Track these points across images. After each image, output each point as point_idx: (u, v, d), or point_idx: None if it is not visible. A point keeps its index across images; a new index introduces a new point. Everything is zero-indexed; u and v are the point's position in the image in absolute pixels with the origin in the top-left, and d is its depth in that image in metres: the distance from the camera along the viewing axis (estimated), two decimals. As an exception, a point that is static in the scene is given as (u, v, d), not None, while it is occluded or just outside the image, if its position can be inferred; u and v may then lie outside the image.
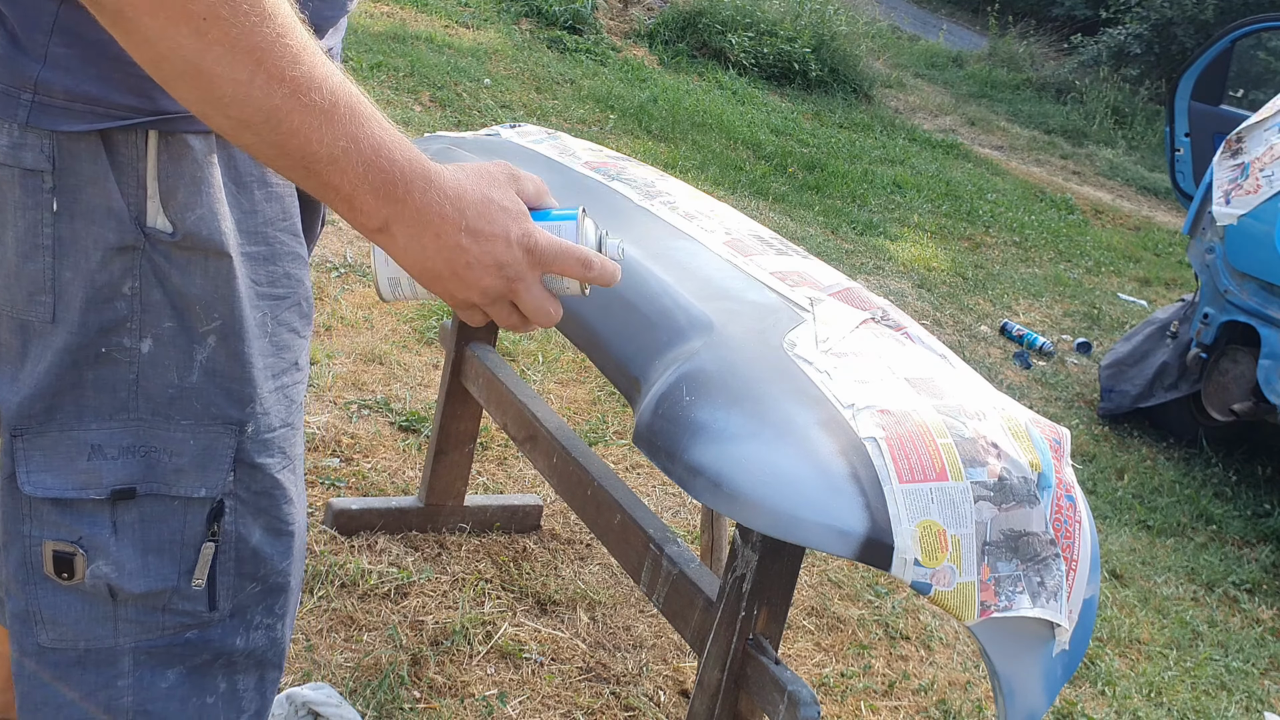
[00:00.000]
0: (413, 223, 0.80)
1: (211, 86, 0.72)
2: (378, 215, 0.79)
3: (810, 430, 1.19)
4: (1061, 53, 13.63)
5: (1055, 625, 1.26)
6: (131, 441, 0.86)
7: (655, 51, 8.58)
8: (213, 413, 0.88)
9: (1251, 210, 3.73)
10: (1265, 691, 2.73)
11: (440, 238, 0.81)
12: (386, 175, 0.78)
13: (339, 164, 0.76)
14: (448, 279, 0.83)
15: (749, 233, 1.66)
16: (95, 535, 0.86)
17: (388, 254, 0.84)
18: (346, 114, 0.76)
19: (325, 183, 0.77)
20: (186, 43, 0.70)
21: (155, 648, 0.91)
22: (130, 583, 0.88)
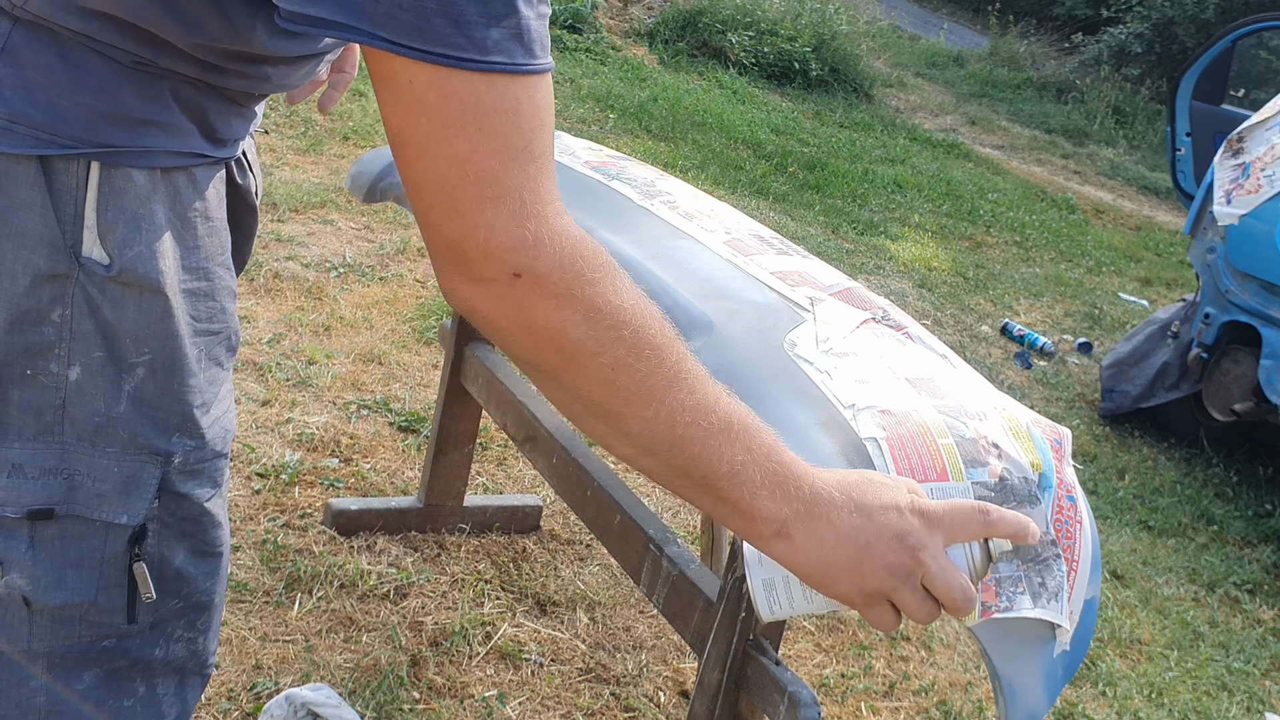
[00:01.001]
0: (808, 517, 0.81)
1: (620, 424, 0.79)
2: (776, 519, 0.80)
3: (811, 430, 1.18)
4: (1062, 52, 13.63)
5: (1056, 626, 1.26)
6: (54, 464, 0.85)
7: (655, 51, 8.58)
8: (139, 443, 0.88)
9: (1253, 210, 3.73)
10: (1266, 692, 2.73)
11: (835, 525, 0.81)
12: (780, 477, 0.81)
13: (738, 477, 0.79)
14: (850, 570, 0.81)
15: (749, 232, 1.65)
16: (10, 549, 0.86)
17: (786, 562, 0.82)
18: (740, 430, 0.81)
19: (724, 498, 0.80)
20: (597, 390, 0.77)
21: (71, 652, 0.91)
22: (45, 596, 0.87)
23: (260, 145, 4.32)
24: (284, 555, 2.12)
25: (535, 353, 0.78)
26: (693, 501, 0.82)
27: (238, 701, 1.78)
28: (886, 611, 0.83)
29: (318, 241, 3.62)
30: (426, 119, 0.72)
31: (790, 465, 0.82)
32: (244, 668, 1.85)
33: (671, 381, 0.78)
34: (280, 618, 1.98)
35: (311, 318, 3.09)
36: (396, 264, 3.64)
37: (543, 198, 0.75)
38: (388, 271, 3.56)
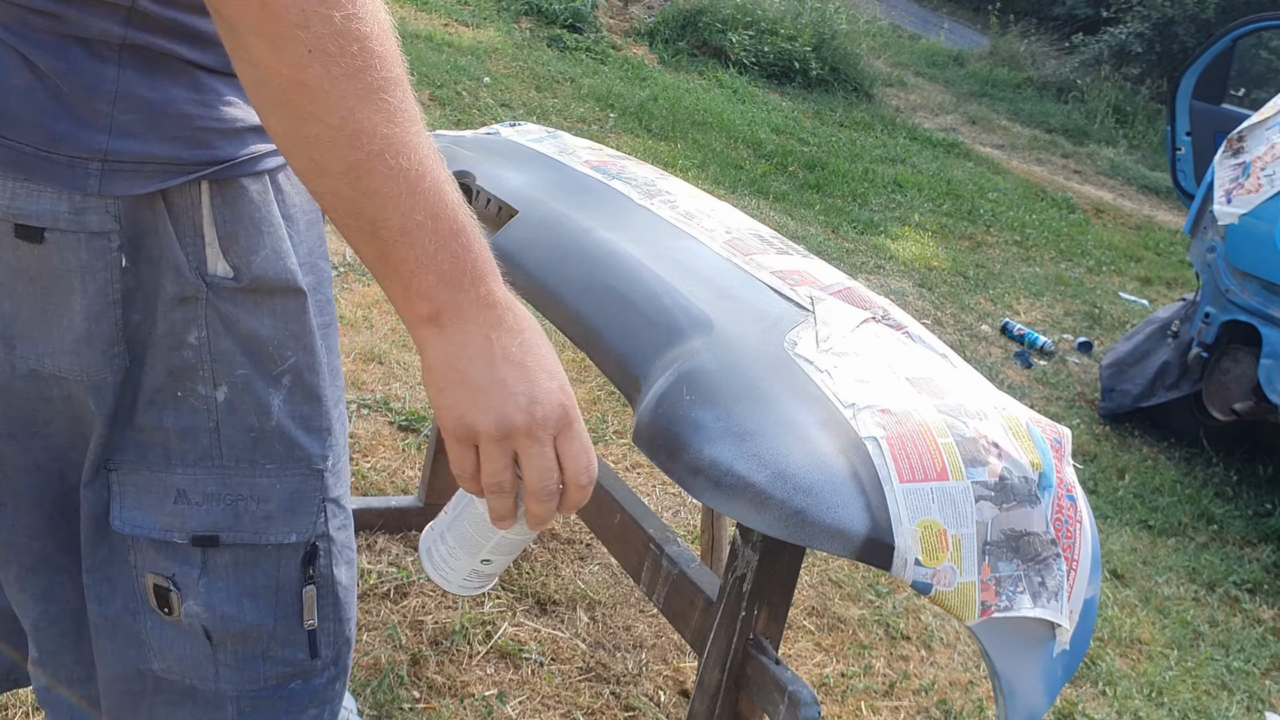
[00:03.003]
0: (469, 317, 0.74)
1: (301, 123, 0.69)
2: (434, 301, 0.73)
3: (811, 430, 1.18)
4: (1063, 52, 13.62)
5: (1056, 625, 1.26)
6: (216, 489, 0.85)
7: (655, 50, 8.58)
8: (296, 454, 0.87)
9: (1253, 209, 3.73)
10: (1266, 691, 2.73)
11: (489, 341, 0.75)
12: (458, 261, 0.73)
13: (410, 238, 0.71)
14: (472, 389, 0.75)
15: (749, 232, 1.65)
16: (185, 574, 0.86)
17: (423, 351, 0.76)
18: (431, 189, 0.71)
19: (387, 255, 0.72)
20: (285, 70, 0.67)
21: (260, 699, 0.90)
22: (222, 625, 0.87)
23: (260, 144, 4.33)
24: (284, 554, 2.13)
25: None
26: (358, 251, 0.74)
27: (238, 700, 1.78)
28: (470, 455, 0.77)
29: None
30: None
31: (475, 257, 0.74)
32: (244, 667, 1.85)
33: (370, 97, 0.68)
34: (280, 617, 1.98)
35: (312, 317, 3.09)
36: (397, 263, 3.63)
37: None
38: (388, 271, 3.55)
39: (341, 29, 0.67)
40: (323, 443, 0.89)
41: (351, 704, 1.79)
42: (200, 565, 0.86)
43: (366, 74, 0.68)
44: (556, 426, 0.77)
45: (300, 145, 0.70)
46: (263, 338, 0.84)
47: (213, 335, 0.82)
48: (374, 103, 0.69)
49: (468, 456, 0.77)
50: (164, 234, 0.79)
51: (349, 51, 0.67)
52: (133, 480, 0.85)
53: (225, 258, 0.81)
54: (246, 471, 0.85)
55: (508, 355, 0.75)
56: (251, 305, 0.83)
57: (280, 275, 0.83)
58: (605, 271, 1.48)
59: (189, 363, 0.82)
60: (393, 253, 0.72)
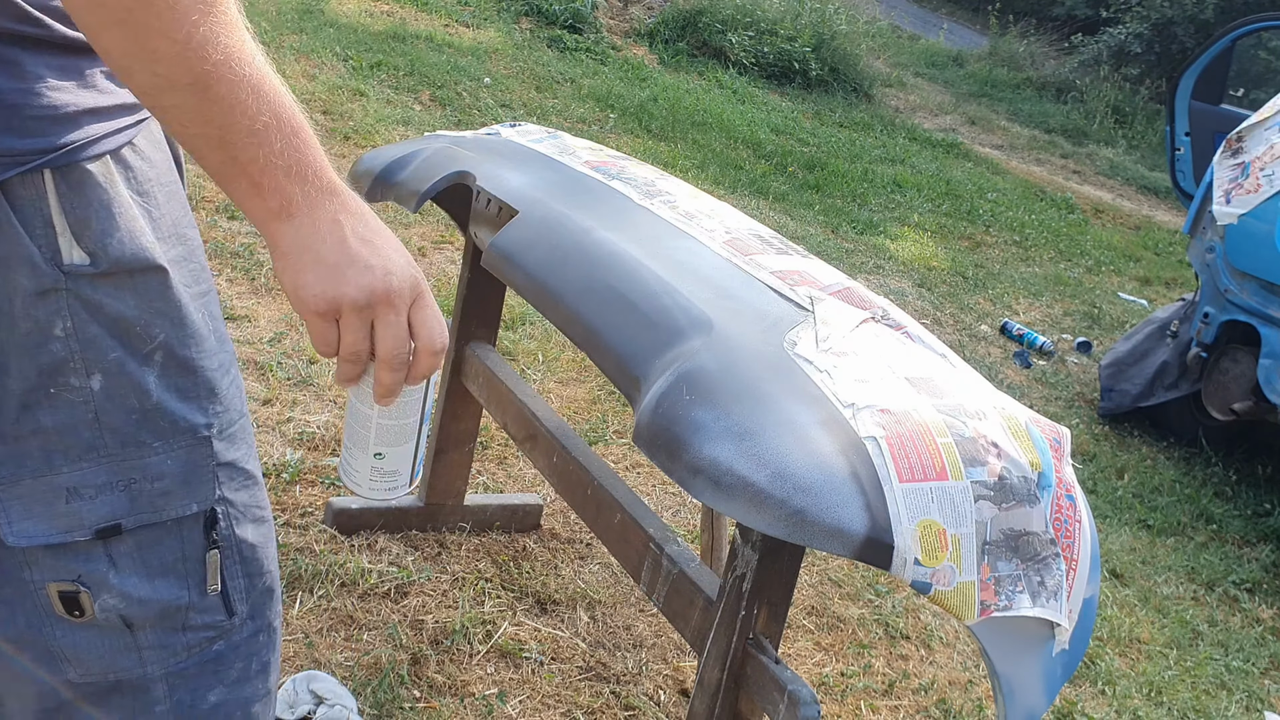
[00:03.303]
0: (317, 205, 0.80)
1: (145, 39, 0.70)
2: (283, 194, 0.78)
3: (810, 429, 1.19)
4: (1062, 52, 13.63)
5: (1055, 625, 1.26)
6: (107, 478, 0.84)
7: (655, 50, 8.58)
8: (180, 427, 0.87)
9: (1252, 209, 3.73)
10: (1265, 691, 2.73)
11: (339, 224, 0.81)
12: (302, 156, 0.78)
13: (258, 138, 0.75)
14: (331, 267, 0.81)
15: (749, 232, 1.66)
16: (93, 571, 0.85)
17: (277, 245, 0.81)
18: (272, 92, 0.76)
19: (235, 157, 0.76)
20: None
21: (187, 670, 0.90)
22: (141, 610, 0.87)
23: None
24: (285, 554, 2.13)
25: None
26: (203, 159, 0.77)
27: (239, 700, 1.78)
28: (331, 330, 0.84)
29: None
30: None
31: (314, 152, 0.80)
32: (245, 666, 1.85)
33: (211, 9, 0.71)
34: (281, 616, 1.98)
35: (312, 317, 3.09)
36: (397, 263, 3.63)
37: None
38: (388, 271, 3.55)
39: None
40: (205, 410, 0.88)
41: (352, 704, 1.79)
42: (106, 558, 0.85)
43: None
44: (411, 295, 0.85)
45: (144, 62, 0.71)
46: (128, 319, 0.83)
47: (79, 324, 0.81)
48: (214, 15, 0.71)
49: (330, 331, 0.84)
50: (9, 229, 0.77)
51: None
52: (16, 492, 0.82)
53: (79, 244, 0.80)
54: (135, 454, 0.85)
55: (357, 234, 0.82)
56: (113, 288, 0.81)
57: (138, 255, 0.82)
58: (605, 272, 1.48)
59: (59, 357, 0.81)
60: (241, 154, 0.76)
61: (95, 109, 0.81)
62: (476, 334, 2.22)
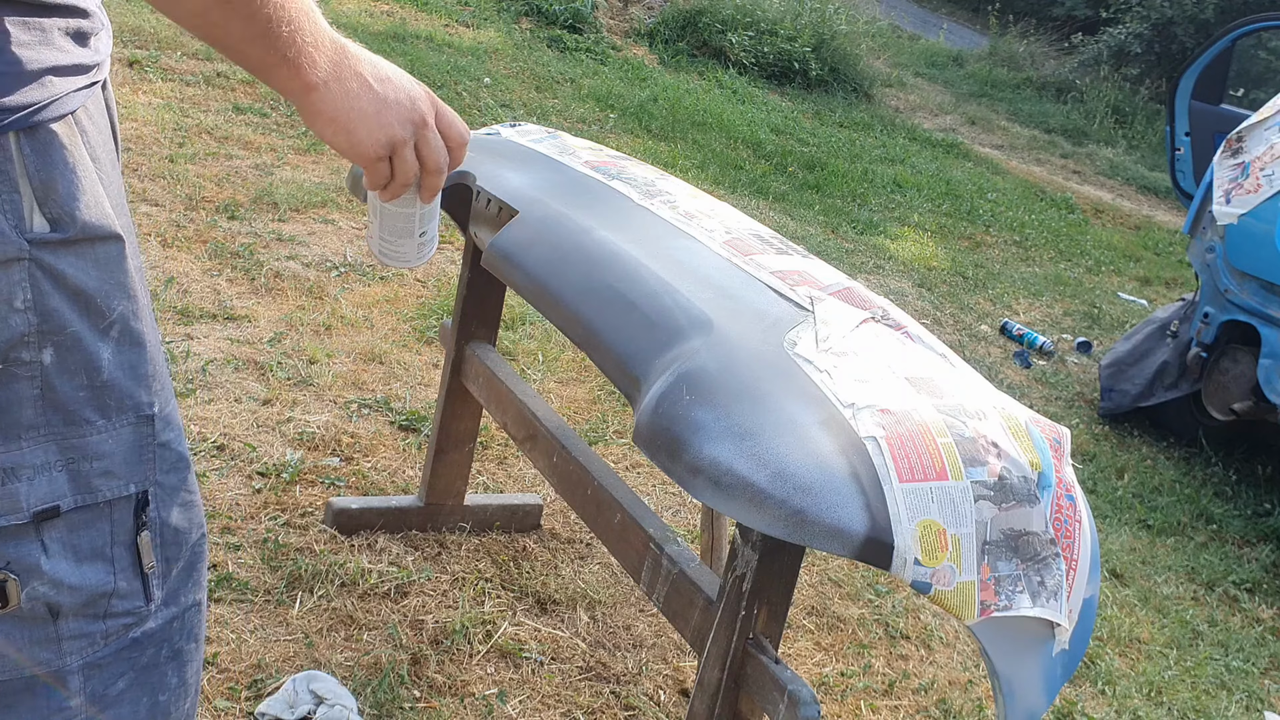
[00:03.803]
0: (342, 65, 0.89)
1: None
2: (316, 68, 0.87)
3: (810, 429, 1.19)
4: (1062, 52, 13.63)
5: (1055, 625, 1.26)
6: (45, 458, 0.79)
7: (655, 50, 8.58)
8: (126, 405, 0.83)
9: (1252, 209, 3.73)
10: (1265, 691, 2.73)
11: (362, 76, 0.90)
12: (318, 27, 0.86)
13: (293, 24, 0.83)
14: (371, 116, 0.91)
15: (749, 232, 1.66)
16: (24, 558, 0.80)
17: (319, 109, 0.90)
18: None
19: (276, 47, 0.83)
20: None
21: (104, 659, 0.86)
22: (70, 596, 0.82)
23: (261, 145, 4.33)
24: (285, 554, 2.13)
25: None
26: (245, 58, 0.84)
27: (238, 699, 1.78)
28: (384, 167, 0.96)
29: (318, 241, 3.62)
30: None
31: (322, 19, 0.88)
32: (245, 665, 1.85)
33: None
34: (281, 616, 1.98)
35: (312, 317, 3.09)
36: (397, 263, 3.64)
37: None
38: (388, 271, 3.56)
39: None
40: (149, 389, 0.85)
41: (352, 704, 1.79)
42: (38, 543, 0.80)
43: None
44: (432, 109, 0.97)
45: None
46: (89, 290, 0.79)
47: (39, 295, 0.76)
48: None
49: (384, 170, 0.97)
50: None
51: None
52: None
53: (42, 210, 0.76)
54: (77, 432, 0.81)
55: (378, 78, 0.92)
56: (74, 258, 0.78)
57: (101, 222, 0.80)
58: (605, 271, 1.48)
59: (16, 331, 0.76)
60: (280, 44, 0.83)
61: (57, 67, 0.78)
62: (476, 334, 2.22)
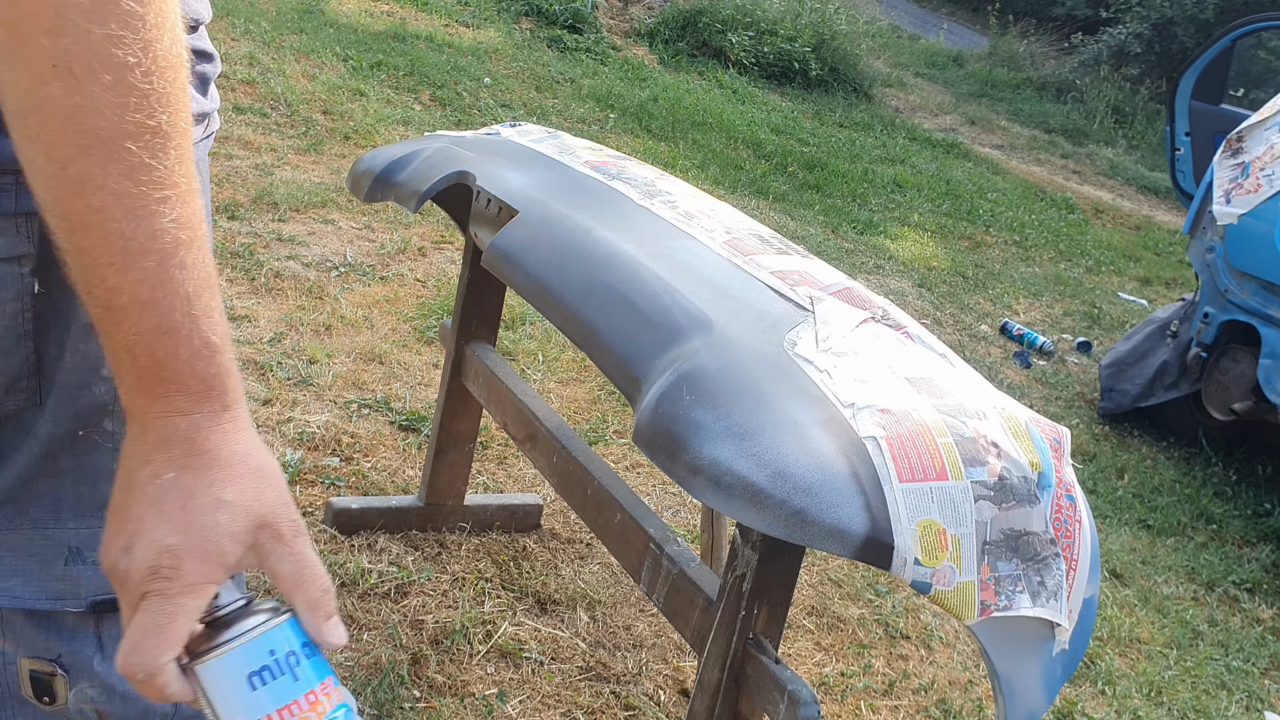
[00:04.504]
0: (151, 429, 0.60)
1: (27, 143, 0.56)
2: (127, 394, 0.60)
3: (810, 429, 1.19)
4: (1062, 52, 13.63)
5: (1055, 625, 1.26)
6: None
7: (655, 50, 8.58)
8: None
9: (1252, 210, 3.73)
10: (1265, 691, 2.73)
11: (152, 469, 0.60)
12: (154, 362, 0.59)
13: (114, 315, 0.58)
14: (110, 518, 0.61)
15: (749, 232, 1.66)
16: (77, 653, 0.72)
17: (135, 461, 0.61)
18: (153, 271, 0.58)
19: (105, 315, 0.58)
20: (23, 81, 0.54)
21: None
22: (120, 707, 0.74)
23: (261, 145, 4.33)
24: (285, 554, 2.13)
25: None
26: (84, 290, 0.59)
27: (239, 700, 1.78)
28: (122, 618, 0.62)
29: (318, 241, 3.62)
30: None
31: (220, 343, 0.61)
32: (245, 666, 1.85)
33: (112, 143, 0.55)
34: (281, 616, 1.98)
35: (312, 317, 3.09)
36: (397, 263, 3.64)
37: None
38: (388, 271, 3.56)
39: (98, 51, 0.54)
40: None
41: (352, 703, 1.79)
42: (94, 638, 0.72)
43: (115, 112, 0.55)
44: (136, 588, 0.60)
45: (24, 163, 0.57)
46: None
47: None
48: (114, 150, 0.55)
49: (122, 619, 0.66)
50: None
51: (100, 81, 0.54)
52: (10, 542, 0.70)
53: None
54: None
55: (150, 484, 0.60)
56: None
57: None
58: (605, 272, 1.48)
59: (100, 400, 0.69)
60: (100, 325, 0.60)
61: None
62: (476, 334, 2.22)
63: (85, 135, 0.55)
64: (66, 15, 0.53)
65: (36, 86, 0.54)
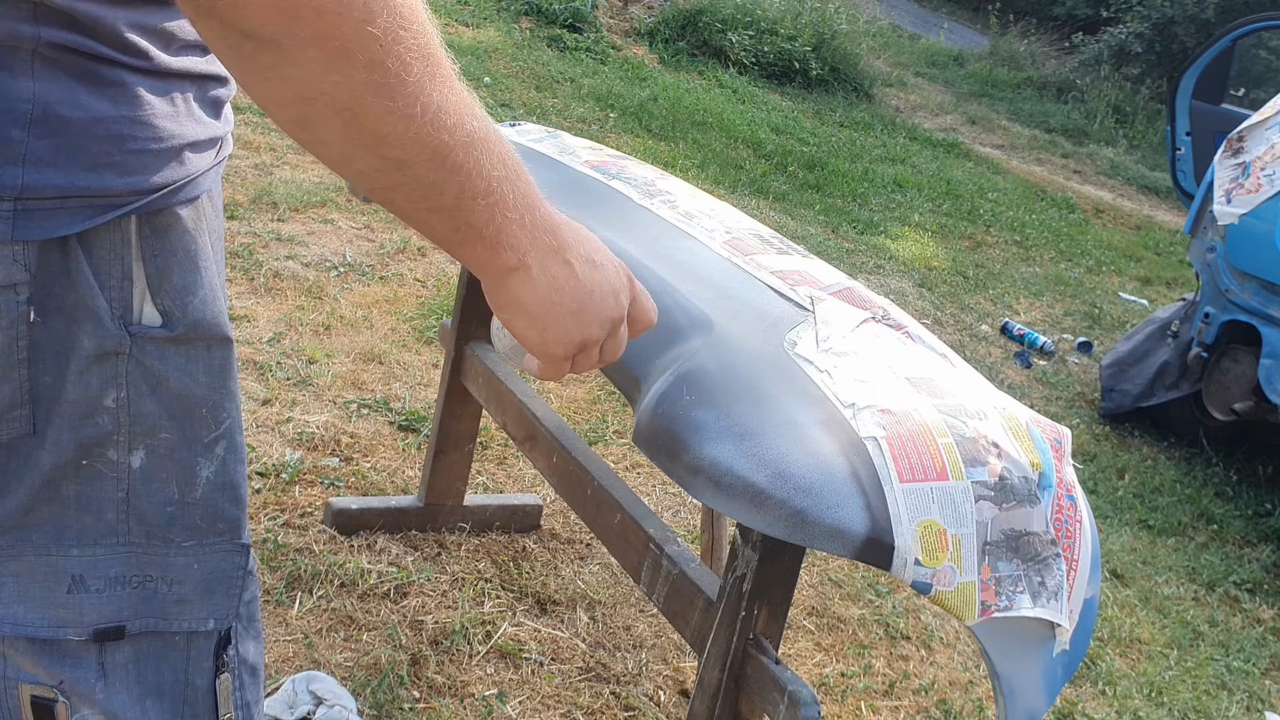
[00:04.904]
0: (547, 251, 0.71)
1: (375, 124, 0.60)
2: (519, 249, 0.69)
3: (811, 429, 1.19)
4: (1062, 51, 13.63)
5: (1056, 625, 1.26)
6: (121, 571, 0.72)
7: (655, 50, 8.58)
8: (219, 528, 0.75)
9: (1252, 209, 3.73)
10: (1266, 691, 2.73)
11: (569, 264, 0.72)
12: (527, 201, 0.69)
13: (493, 196, 0.66)
14: (575, 312, 0.73)
15: (749, 232, 1.65)
16: (79, 680, 0.72)
17: (515, 296, 0.72)
18: (495, 139, 0.66)
19: (471, 221, 0.66)
20: (360, 74, 0.57)
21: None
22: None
23: (260, 145, 4.32)
24: (284, 554, 2.13)
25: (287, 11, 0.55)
26: (430, 229, 0.67)
27: (238, 700, 1.78)
28: (565, 365, 0.77)
29: (318, 241, 3.62)
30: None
31: (534, 189, 0.70)
32: (244, 667, 1.85)
33: (434, 70, 0.61)
34: (281, 616, 1.98)
35: (312, 317, 3.09)
36: (397, 263, 3.64)
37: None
38: (388, 271, 3.56)
39: (399, 6, 0.58)
40: (244, 511, 0.77)
41: (351, 704, 1.79)
42: (97, 665, 0.72)
43: (426, 46, 0.60)
44: (630, 296, 0.79)
45: (369, 148, 0.61)
46: (196, 398, 0.71)
47: (134, 397, 0.70)
48: (438, 75, 0.62)
49: (564, 366, 0.78)
50: (81, 279, 0.66)
51: (411, 27, 0.59)
52: (13, 569, 0.70)
53: (154, 301, 0.69)
54: (159, 549, 0.73)
55: (585, 263, 0.74)
56: (183, 360, 0.71)
57: (216, 320, 0.72)
58: (605, 271, 1.48)
59: (103, 430, 0.70)
60: (474, 217, 0.66)
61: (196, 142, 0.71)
62: (476, 334, 2.22)
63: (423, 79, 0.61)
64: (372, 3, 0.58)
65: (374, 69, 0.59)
